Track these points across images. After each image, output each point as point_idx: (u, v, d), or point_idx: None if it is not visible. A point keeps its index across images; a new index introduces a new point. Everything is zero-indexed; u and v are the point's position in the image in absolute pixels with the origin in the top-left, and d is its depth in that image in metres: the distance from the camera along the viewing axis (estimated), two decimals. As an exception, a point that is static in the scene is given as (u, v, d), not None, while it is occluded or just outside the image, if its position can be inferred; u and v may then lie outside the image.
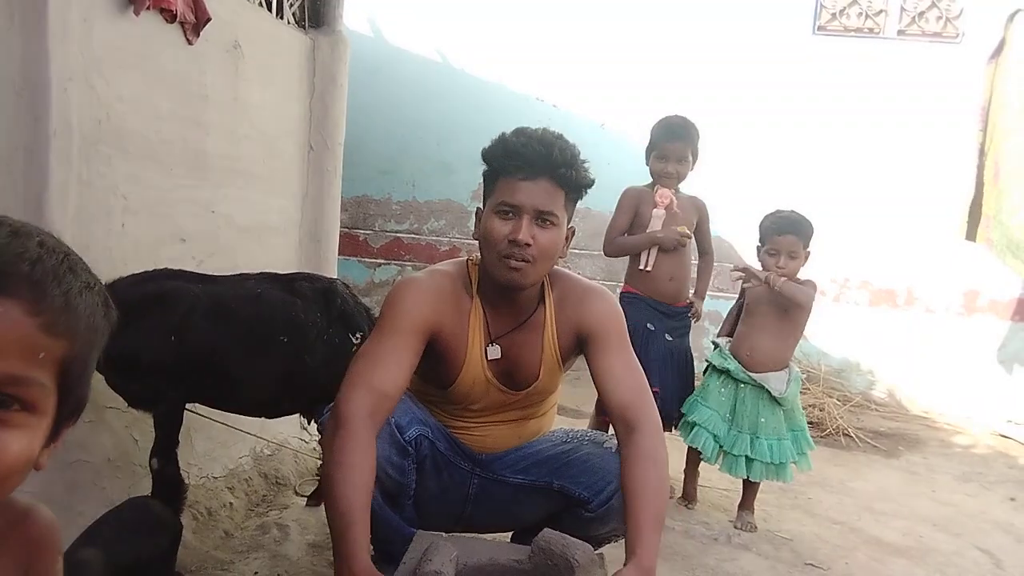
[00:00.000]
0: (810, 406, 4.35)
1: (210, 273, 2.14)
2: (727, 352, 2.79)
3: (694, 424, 2.78)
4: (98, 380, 1.95)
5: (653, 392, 1.76)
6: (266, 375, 2.07)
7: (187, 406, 2.07)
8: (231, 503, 2.37)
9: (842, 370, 4.87)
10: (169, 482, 2.00)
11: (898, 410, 4.65)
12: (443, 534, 1.63)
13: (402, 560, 1.48)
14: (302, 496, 2.58)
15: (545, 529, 1.59)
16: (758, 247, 2.76)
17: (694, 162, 2.96)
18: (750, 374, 2.71)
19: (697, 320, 3.09)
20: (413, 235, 5.58)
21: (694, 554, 2.45)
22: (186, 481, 2.32)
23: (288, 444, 2.79)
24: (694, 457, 2.87)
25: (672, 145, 2.91)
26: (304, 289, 2.17)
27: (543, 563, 1.59)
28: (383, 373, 1.58)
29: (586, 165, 1.66)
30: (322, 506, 2.45)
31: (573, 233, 1.73)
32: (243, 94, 2.91)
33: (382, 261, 5.59)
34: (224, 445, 2.54)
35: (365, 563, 1.38)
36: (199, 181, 2.71)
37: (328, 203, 3.72)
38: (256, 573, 2.04)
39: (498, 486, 1.87)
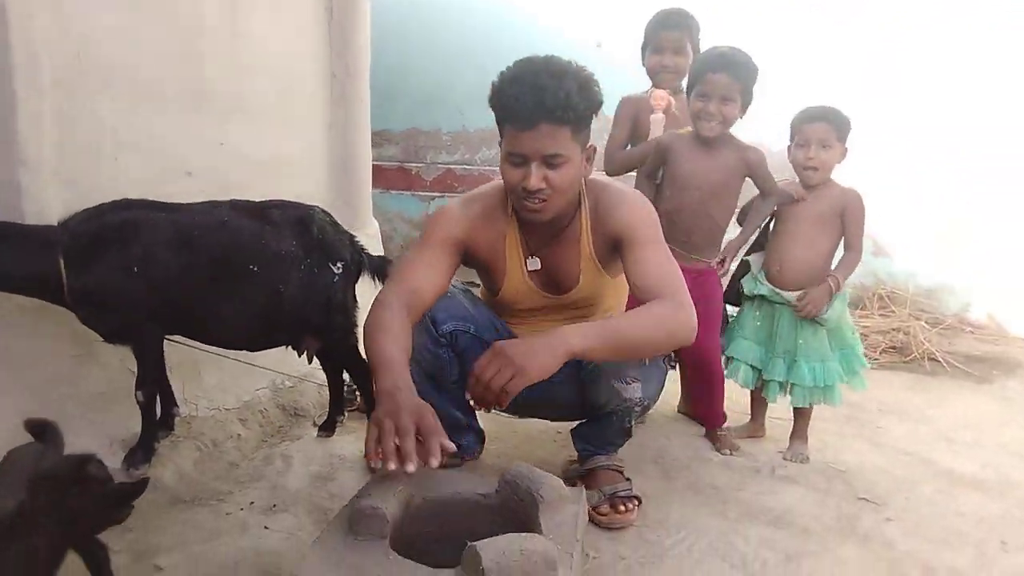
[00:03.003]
0: (893, 330, 3.96)
1: (175, 203, 2.05)
2: (759, 275, 2.49)
3: (732, 359, 2.54)
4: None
5: None
6: (238, 307, 1.99)
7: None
8: (239, 435, 2.34)
9: (933, 290, 4.38)
10: (151, 415, 1.97)
11: (997, 333, 4.15)
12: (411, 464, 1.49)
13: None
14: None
15: (516, 463, 1.44)
16: (788, 147, 2.43)
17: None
18: (782, 293, 2.42)
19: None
20: (465, 166, 5.39)
21: (728, 487, 2.23)
22: (193, 413, 2.33)
23: (313, 377, 2.74)
24: (756, 393, 2.61)
25: (669, 34, 2.59)
26: (275, 217, 2.06)
27: (510, 497, 1.44)
28: (412, 273, 1.76)
29: (595, 88, 1.68)
30: (331, 437, 2.42)
31: (594, 151, 1.78)
32: (245, 22, 2.79)
33: (436, 194, 5.45)
34: (237, 377, 2.50)
35: (408, 390, 1.44)
36: (201, 115, 2.62)
37: (357, 133, 3.58)
38: (252, 503, 1.99)
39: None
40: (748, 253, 2.59)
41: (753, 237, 2.58)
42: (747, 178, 2.45)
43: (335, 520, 1.33)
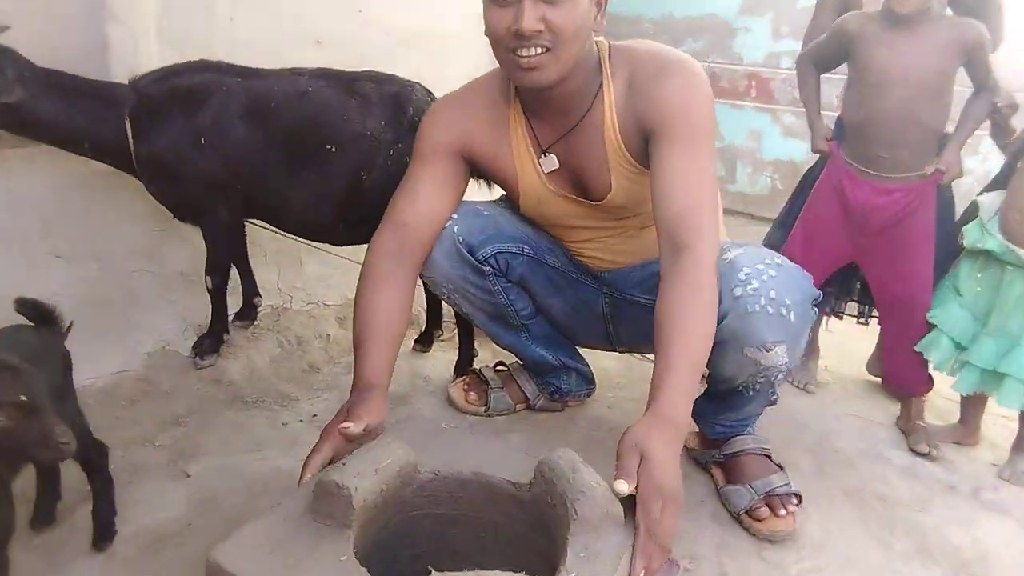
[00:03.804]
0: None
1: (256, 68, 1.78)
2: (991, 223, 1.75)
3: (933, 326, 1.86)
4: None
5: None
6: (312, 192, 1.71)
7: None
8: (330, 335, 2.14)
9: None
10: (221, 303, 1.80)
11: None
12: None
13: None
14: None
15: (561, 450, 1.05)
16: None
17: None
18: (1020, 252, 1.69)
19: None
20: (664, 59, 4.72)
21: (904, 503, 1.65)
22: (286, 305, 2.16)
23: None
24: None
25: None
26: (366, 91, 1.72)
27: (542, 497, 1.05)
28: (405, 204, 1.47)
29: None
30: (426, 353, 2.15)
31: None
32: None
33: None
34: (346, 272, 2.29)
35: (363, 381, 1.29)
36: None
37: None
38: (315, 416, 1.79)
39: (630, 307, 1.67)
40: (982, 192, 1.85)
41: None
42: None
43: (301, 490, 1.03)
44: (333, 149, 1.69)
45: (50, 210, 1.70)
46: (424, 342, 2.13)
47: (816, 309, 1.48)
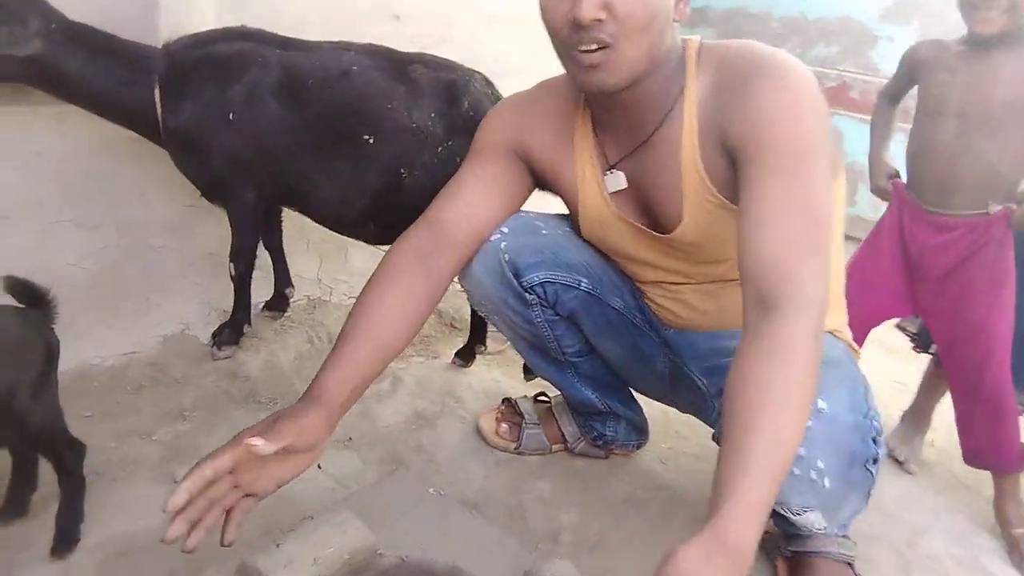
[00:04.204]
0: None
1: (301, 39, 1.60)
2: None
3: None
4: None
5: None
6: (343, 184, 1.52)
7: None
8: (365, 336, 1.97)
9: None
10: (244, 291, 1.65)
11: None
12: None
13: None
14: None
15: (557, 562, 0.82)
16: None
17: None
18: None
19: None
20: (793, 63, 4.30)
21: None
22: (325, 298, 2.01)
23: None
24: None
25: None
26: (418, 76, 1.51)
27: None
28: (445, 201, 1.27)
29: None
30: (466, 367, 1.94)
31: None
32: None
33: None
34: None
35: (311, 391, 1.03)
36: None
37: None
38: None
39: (687, 380, 1.43)
40: None
41: None
42: None
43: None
44: (371, 140, 1.50)
45: (73, 174, 1.60)
46: (464, 356, 1.92)
47: (875, 469, 1.19)
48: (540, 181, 1.33)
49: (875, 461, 1.16)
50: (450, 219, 1.24)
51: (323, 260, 2.00)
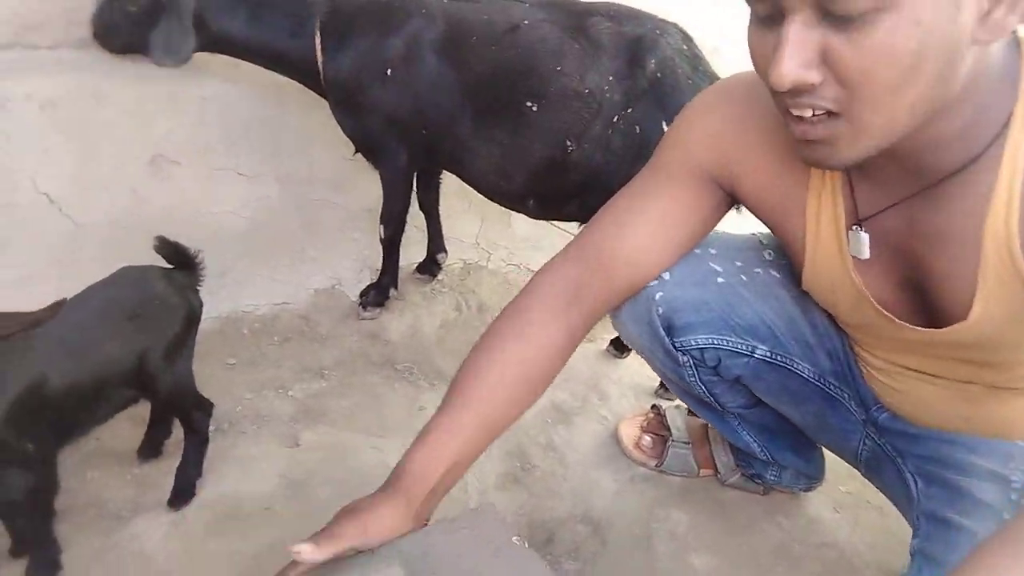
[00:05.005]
0: None
1: None
2: None
3: None
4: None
5: None
6: (501, 153, 1.37)
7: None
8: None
9: None
10: (392, 255, 1.58)
11: None
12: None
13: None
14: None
15: None
16: None
17: None
18: None
19: None
20: None
21: None
22: (482, 264, 1.90)
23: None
24: None
25: None
26: (598, 33, 1.29)
27: None
28: (610, 230, 0.96)
29: None
30: (619, 360, 1.75)
31: None
32: None
33: None
34: (563, 236, 1.96)
35: (396, 476, 0.83)
36: None
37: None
38: (421, 409, 1.53)
39: (891, 470, 1.10)
40: None
41: None
42: None
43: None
44: (534, 107, 1.32)
45: (238, 122, 1.59)
46: (620, 345, 1.74)
47: None
48: (751, 207, 0.97)
49: None
50: (609, 259, 0.96)
51: (484, 222, 1.89)
